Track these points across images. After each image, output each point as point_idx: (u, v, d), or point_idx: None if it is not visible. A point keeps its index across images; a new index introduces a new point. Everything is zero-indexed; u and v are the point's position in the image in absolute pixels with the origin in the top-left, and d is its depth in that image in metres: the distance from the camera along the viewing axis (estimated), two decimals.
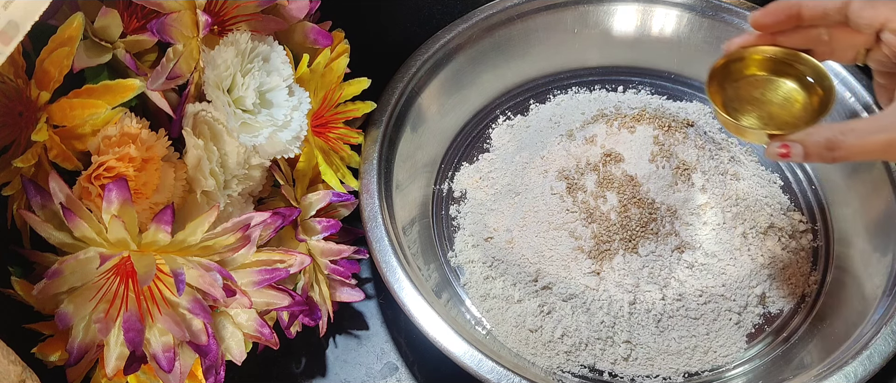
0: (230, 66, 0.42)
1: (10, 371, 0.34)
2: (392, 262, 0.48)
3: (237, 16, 0.44)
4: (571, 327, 0.49)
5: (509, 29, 0.61)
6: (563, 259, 0.51)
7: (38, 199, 0.38)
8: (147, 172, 0.40)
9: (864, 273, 0.50)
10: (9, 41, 0.31)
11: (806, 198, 0.57)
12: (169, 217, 0.38)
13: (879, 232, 0.51)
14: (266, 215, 0.42)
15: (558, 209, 0.52)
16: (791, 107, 0.45)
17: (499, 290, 0.52)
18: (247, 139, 0.43)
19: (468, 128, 0.62)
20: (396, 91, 0.56)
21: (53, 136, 0.38)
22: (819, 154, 0.40)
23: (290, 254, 0.44)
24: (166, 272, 0.39)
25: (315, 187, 0.50)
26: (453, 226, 0.56)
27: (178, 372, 0.40)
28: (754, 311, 0.50)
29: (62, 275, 0.37)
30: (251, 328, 0.44)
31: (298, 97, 0.46)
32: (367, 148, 0.53)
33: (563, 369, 0.49)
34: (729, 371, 0.49)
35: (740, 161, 0.55)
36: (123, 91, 0.39)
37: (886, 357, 0.43)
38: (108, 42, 0.40)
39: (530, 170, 0.55)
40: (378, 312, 0.54)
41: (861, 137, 0.39)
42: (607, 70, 0.64)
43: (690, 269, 0.50)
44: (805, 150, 0.41)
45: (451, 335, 0.44)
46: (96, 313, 0.38)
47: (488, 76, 0.62)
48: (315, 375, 0.51)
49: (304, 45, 0.49)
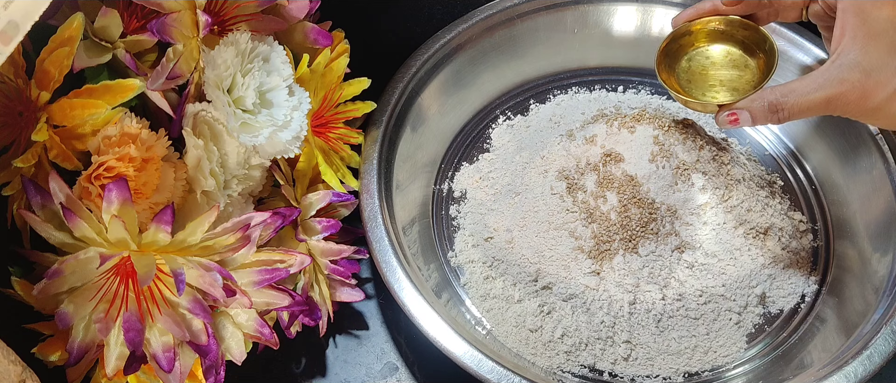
0: (230, 66, 0.42)
1: (10, 371, 0.34)
2: (392, 262, 0.48)
3: (237, 16, 0.44)
4: (571, 327, 0.49)
5: (509, 29, 0.61)
6: (563, 259, 0.51)
7: (38, 199, 0.38)
8: (147, 172, 0.40)
9: (864, 273, 0.50)
10: (9, 41, 0.31)
11: (806, 198, 0.57)
12: (169, 217, 0.38)
13: (879, 232, 0.51)
14: (266, 215, 0.42)
15: (558, 209, 0.52)
16: (740, 72, 0.48)
17: (499, 290, 0.52)
18: (247, 139, 0.43)
19: (468, 128, 0.62)
20: (396, 91, 0.56)
21: (53, 136, 0.38)
22: (765, 117, 0.44)
23: (290, 254, 0.44)
24: (166, 272, 0.39)
25: (315, 187, 0.50)
26: (453, 226, 0.56)
27: (178, 372, 0.40)
28: (754, 311, 0.50)
29: (62, 275, 0.37)
30: (251, 328, 0.44)
31: (298, 97, 0.46)
32: (367, 148, 0.53)
33: (563, 369, 0.49)
34: (729, 371, 0.49)
35: (740, 161, 0.55)
36: (123, 91, 0.39)
37: (886, 357, 0.43)
38: (108, 42, 0.40)
39: (530, 170, 0.55)
40: (378, 312, 0.54)
41: (801, 97, 0.42)
42: (607, 70, 0.64)
43: (690, 269, 0.50)
44: (752, 116, 0.44)
45: (451, 335, 0.44)
46: (96, 313, 0.39)
47: (488, 76, 0.62)
48: (315, 375, 0.51)
49: (304, 45, 0.49)
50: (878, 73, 0.40)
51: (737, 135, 0.60)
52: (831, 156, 0.56)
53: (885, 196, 0.52)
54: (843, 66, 0.41)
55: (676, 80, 0.49)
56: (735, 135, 0.60)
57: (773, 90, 0.43)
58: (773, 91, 0.43)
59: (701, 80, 0.48)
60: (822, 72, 0.42)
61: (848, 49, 0.42)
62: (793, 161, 0.59)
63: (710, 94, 0.47)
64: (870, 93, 0.41)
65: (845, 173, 0.55)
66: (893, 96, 0.41)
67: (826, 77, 0.42)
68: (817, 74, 0.42)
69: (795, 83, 0.43)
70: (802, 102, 0.42)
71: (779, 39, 0.50)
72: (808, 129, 0.58)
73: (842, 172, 0.55)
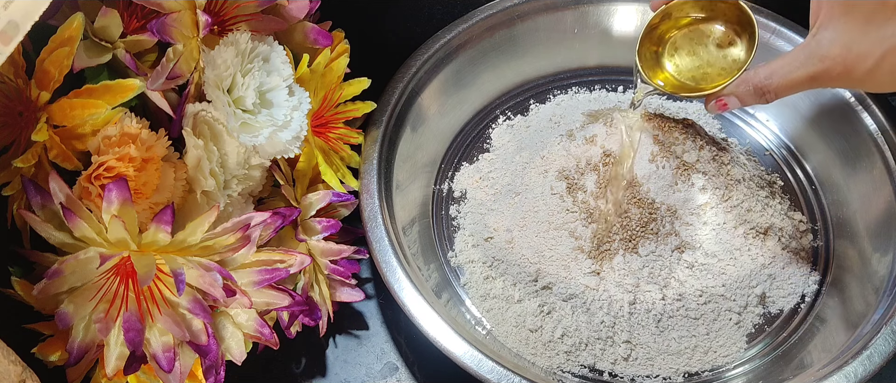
0: (230, 66, 0.42)
1: (10, 371, 0.34)
2: (392, 262, 0.48)
3: (237, 16, 0.44)
4: (571, 327, 0.49)
5: (509, 29, 0.61)
6: (563, 259, 0.51)
7: (38, 199, 0.38)
8: (147, 172, 0.40)
9: (864, 273, 0.50)
10: (9, 41, 0.31)
11: (806, 198, 0.57)
12: (169, 217, 0.38)
13: (879, 232, 0.51)
14: (266, 215, 0.42)
15: (558, 209, 0.52)
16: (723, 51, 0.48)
17: (499, 290, 0.52)
18: (247, 139, 0.43)
19: (468, 128, 0.62)
20: (396, 91, 0.56)
21: (53, 136, 0.38)
22: (753, 99, 0.44)
23: (290, 253, 0.44)
24: (166, 272, 0.39)
25: (315, 187, 0.50)
26: (453, 226, 0.56)
27: (178, 372, 0.40)
28: (754, 311, 0.50)
29: (62, 275, 0.37)
30: (251, 328, 0.44)
31: (298, 97, 0.46)
32: (367, 148, 0.53)
33: (563, 369, 0.49)
34: (729, 371, 0.49)
35: (740, 161, 0.55)
36: (123, 91, 0.39)
37: (886, 357, 0.43)
38: (108, 42, 0.40)
39: (530, 170, 0.55)
40: (378, 312, 0.54)
41: (785, 77, 0.43)
42: (607, 70, 0.64)
43: (690, 269, 0.50)
44: (740, 100, 0.45)
45: (451, 335, 0.44)
46: (96, 313, 0.38)
47: (488, 76, 0.62)
48: (315, 375, 0.51)
49: (304, 45, 0.49)
50: (858, 45, 0.40)
51: (737, 135, 0.60)
52: (831, 156, 0.56)
53: (885, 196, 0.52)
54: (823, 43, 0.41)
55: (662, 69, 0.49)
56: (735, 134, 0.60)
57: (756, 72, 0.44)
58: (757, 73, 0.44)
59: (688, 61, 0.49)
60: (802, 48, 0.42)
61: (826, 24, 0.41)
62: (793, 161, 0.59)
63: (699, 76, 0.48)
64: (852, 66, 0.41)
65: (845, 173, 0.55)
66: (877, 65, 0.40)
67: (807, 54, 0.42)
68: (798, 51, 0.42)
69: (777, 63, 0.43)
70: (786, 82, 0.43)
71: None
72: (808, 129, 0.58)
73: (842, 172, 0.55)
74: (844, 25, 0.41)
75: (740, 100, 0.45)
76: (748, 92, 0.44)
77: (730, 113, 0.62)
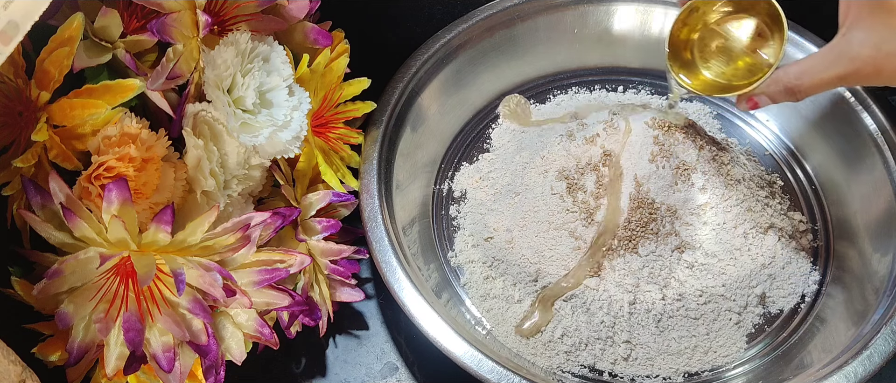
0: (230, 66, 0.42)
1: (10, 371, 0.34)
2: (392, 262, 0.48)
3: (237, 16, 0.44)
4: (571, 327, 0.49)
5: (509, 29, 0.61)
6: (563, 259, 0.51)
7: (38, 199, 0.38)
8: (147, 172, 0.40)
9: (864, 273, 0.50)
10: (9, 41, 0.31)
11: (806, 198, 0.57)
12: (169, 217, 0.38)
13: (879, 232, 0.51)
14: (266, 215, 0.42)
15: (558, 209, 0.52)
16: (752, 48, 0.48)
17: (499, 290, 0.52)
18: (247, 139, 0.43)
19: (468, 128, 0.62)
20: (396, 91, 0.56)
21: (53, 136, 0.38)
22: (783, 99, 0.45)
23: (290, 253, 0.44)
24: (166, 272, 0.39)
25: (315, 187, 0.50)
26: (453, 226, 0.56)
27: (178, 372, 0.40)
28: (754, 311, 0.50)
29: (62, 275, 0.37)
30: (251, 328, 0.44)
31: (298, 97, 0.46)
32: (367, 148, 0.53)
33: (563, 369, 0.49)
34: (729, 371, 0.49)
35: (740, 161, 0.55)
36: (123, 91, 0.39)
37: (886, 357, 0.43)
38: (108, 42, 0.40)
39: (530, 170, 0.55)
40: (378, 312, 0.54)
41: (814, 77, 0.43)
42: (607, 70, 0.64)
43: (690, 269, 0.50)
44: (771, 99, 0.45)
45: (451, 335, 0.44)
46: (96, 313, 0.38)
47: (488, 76, 0.62)
48: (315, 375, 0.51)
49: (304, 45, 0.49)
50: (889, 44, 0.40)
51: (737, 135, 0.60)
52: (831, 156, 0.56)
53: (885, 196, 0.52)
54: (853, 43, 0.41)
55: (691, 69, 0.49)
56: (735, 134, 0.60)
57: (786, 72, 0.44)
58: (787, 73, 0.44)
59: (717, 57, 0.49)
60: (832, 47, 0.42)
61: (855, 24, 0.42)
62: (793, 161, 0.59)
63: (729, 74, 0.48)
64: (883, 66, 0.41)
65: (845, 173, 0.55)
66: None
67: (836, 54, 0.42)
68: (827, 51, 0.43)
69: (808, 62, 0.44)
70: (816, 81, 0.43)
71: None
72: (808, 129, 0.58)
73: (842, 172, 0.55)
74: (874, 25, 0.41)
75: (771, 99, 0.45)
76: (779, 91, 0.45)
77: (730, 113, 0.62)
